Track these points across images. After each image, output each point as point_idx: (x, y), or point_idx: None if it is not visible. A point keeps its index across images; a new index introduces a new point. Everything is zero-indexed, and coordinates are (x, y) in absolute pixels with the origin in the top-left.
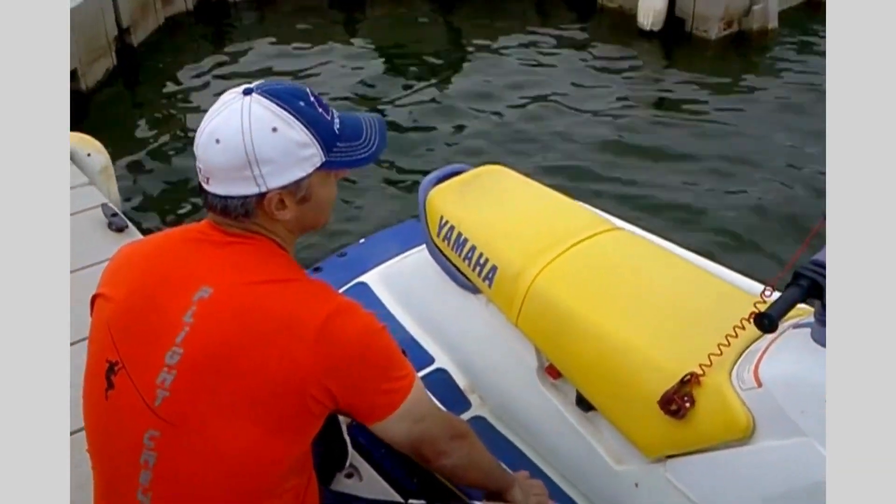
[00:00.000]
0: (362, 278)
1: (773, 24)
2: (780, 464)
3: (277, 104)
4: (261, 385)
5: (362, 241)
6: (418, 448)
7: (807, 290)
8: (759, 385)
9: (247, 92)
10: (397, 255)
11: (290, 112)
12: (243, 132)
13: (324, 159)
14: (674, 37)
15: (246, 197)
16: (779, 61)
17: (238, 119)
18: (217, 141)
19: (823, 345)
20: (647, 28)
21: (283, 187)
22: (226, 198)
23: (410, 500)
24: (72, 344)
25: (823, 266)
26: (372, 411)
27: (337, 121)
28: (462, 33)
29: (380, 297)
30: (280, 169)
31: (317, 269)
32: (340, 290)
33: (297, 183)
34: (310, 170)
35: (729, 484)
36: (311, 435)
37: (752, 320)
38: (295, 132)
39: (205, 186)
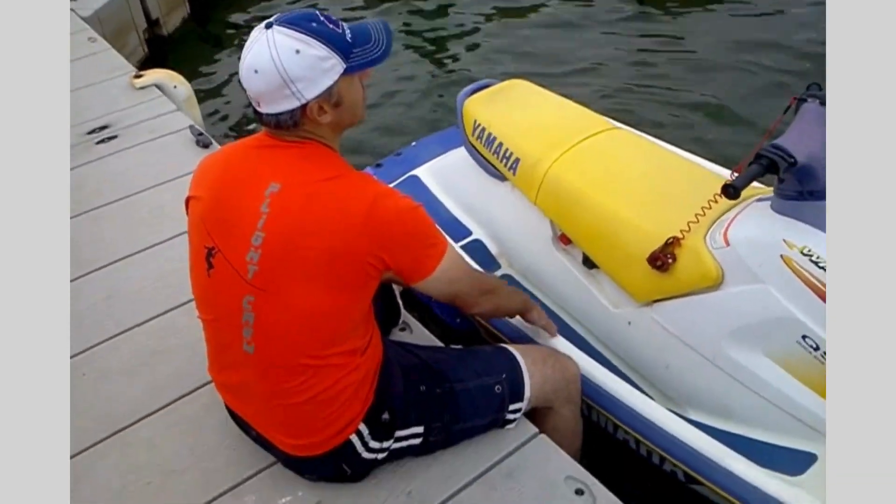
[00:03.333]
0: (414, 172)
1: None
2: (742, 304)
3: (295, 30)
4: (326, 255)
5: (413, 143)
6: (453, 301)
7: (766, 167)
8: (728, 245)
9: (268, 26)
10: (441, 153)
11: (306, 34)
12: (273, 59)
13: (345, 66)
14: None
15: (292, 111)
16: None
17: (267, 50)
18: (255, 71)
19: (780, 213)
20: None
21: (318, 96)
22: (276, 115)
23: (451, 346)
24: (167, 239)
25: (780, 148)
26: (414, 272)
27: (348, 31)
28: None
29: (428, 186)
30: (311, 82)
31: (378, 166)
32: (396, 182)
33: (329, 90)
34: (335, 77)
35: (702, 320)
36: (370, 291)
37: (722, 193)
38: (315, 49)
39: (258, 109)
